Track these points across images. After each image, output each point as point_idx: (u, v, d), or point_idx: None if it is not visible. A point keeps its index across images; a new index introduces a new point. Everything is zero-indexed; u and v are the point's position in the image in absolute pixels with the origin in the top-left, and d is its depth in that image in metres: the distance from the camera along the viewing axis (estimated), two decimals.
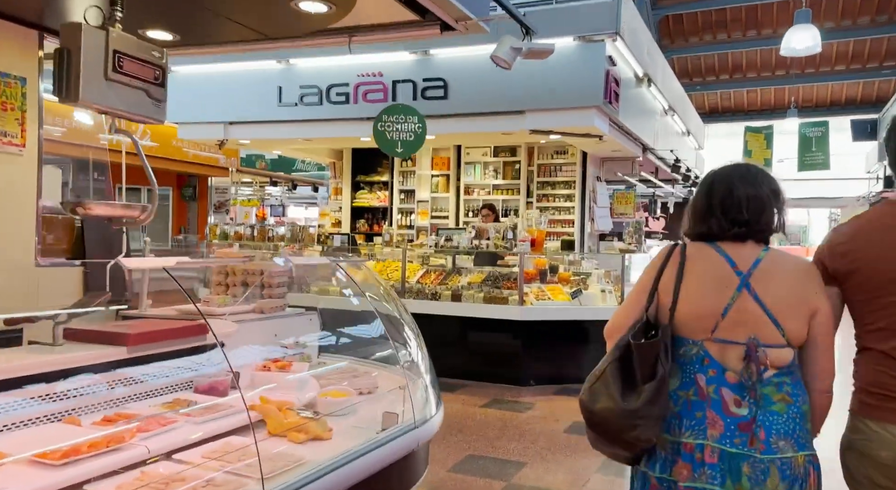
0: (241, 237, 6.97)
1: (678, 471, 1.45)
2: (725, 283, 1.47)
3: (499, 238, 5.95)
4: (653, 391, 1.43)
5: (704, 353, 1.47)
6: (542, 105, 5.74)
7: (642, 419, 1.44)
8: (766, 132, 12.67)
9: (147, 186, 10.62)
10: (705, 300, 1.48)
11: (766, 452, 1.40)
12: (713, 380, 1.46)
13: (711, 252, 1.52)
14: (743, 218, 1.51)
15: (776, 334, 1.44)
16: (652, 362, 1.46)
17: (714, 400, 1.45)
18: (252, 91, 6.87)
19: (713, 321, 1.46)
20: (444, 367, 6.19)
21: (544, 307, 5.72)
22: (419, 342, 2.88)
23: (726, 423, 1.43)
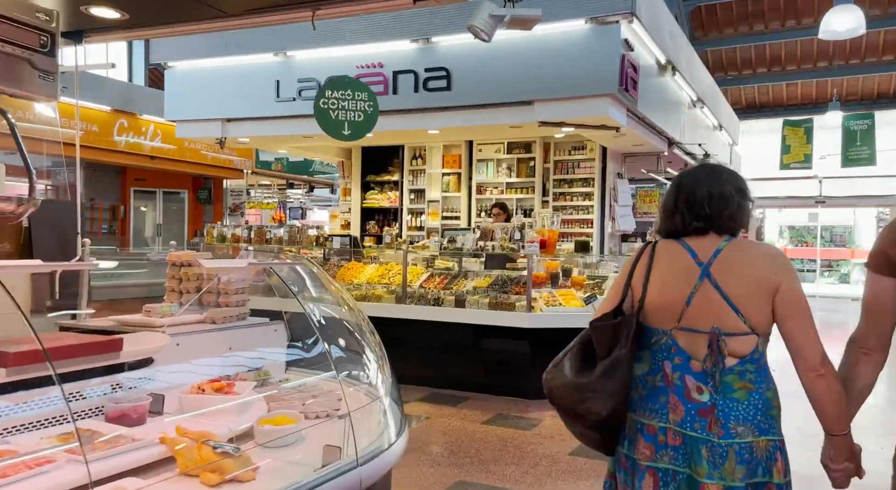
0: (239, 240, 6.74)
1: (641, 450, 1.56)
2: (688, 274, 1.56)
3: (505, 239, 5.58)
4: (604, 368, 1.55)
5: (672, 342, 1.57)
6: (552, 94, 5.35)
7: (592, 392, 1.55)
8: (806, 126, 11.99)
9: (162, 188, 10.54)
10: (670, 290, 1.58)
11: (725, 437, 1.47)
12: (678, 367, 1.55)
13: (677, 247, 1.62)
14: (705, 213, 1.59)
15: (738, 322, 1.51)
16: (608, 343, 1.58)
17: (677, 386, 1.54)
18: (249, 86, 6.65)
19: (678, 310, 1.56)
20: (448, 379, 5.87)
21: (554, 314, 5.33)
22: (378, 355, 2.54)
23: (687, 408, 1.52)
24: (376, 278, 6.16)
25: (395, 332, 5.95)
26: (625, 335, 1.57)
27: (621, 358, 1.56)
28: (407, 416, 4.75)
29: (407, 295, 5.83)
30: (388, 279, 6.11)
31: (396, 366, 5.71)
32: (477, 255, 6.40)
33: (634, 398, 1.60)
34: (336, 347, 2.64)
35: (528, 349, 5.45)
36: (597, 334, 1.63)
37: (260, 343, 2.79)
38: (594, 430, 1.61)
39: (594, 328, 1.63)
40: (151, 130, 12.31)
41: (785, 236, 21.74)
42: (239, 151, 14.86)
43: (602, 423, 1.57)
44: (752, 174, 18.14)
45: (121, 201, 15.03)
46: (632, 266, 1.68)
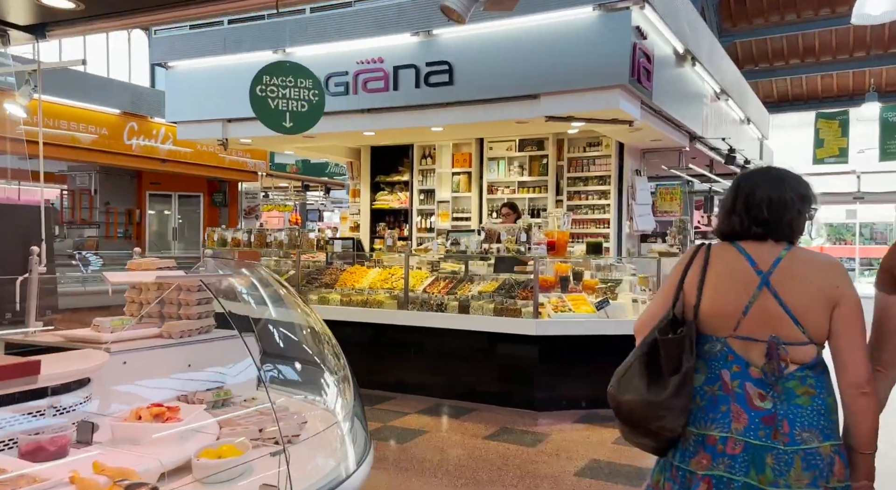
0: (240, 243, 6.61)
1: (698, 461, 1.54)
2: (746, 282, 1.54)
3: (511, 241, 5.32)
4: (677, 384, 1.54)
5: (728, 350, 1.55)
6: (559, 87, 5.08)
7: (667, 410, 1.54)
8: (841, 118, 11.44)
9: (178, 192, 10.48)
10: (727, 298, 1.55)
11: (790, 444, 1.46)
12: (737, 375, 1.53)
13: (733, 251, 1.59)
14: (763, 217, 1.57)
15: (797, 332, 1.50)
16: (677, 357, 1.55)
17: (738, 394, 1.52)
18: (249, 85, 6.49)
19: (735, 319, 1.54)
20: (453, 389, 5.63)
21: (563, 320, 5.05)
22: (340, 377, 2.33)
23: (750, 416, 1.50)
24: (379, 283, 5.96)
25: (398, 340, 5.75)
26: (689, 346, 1.56)
27: (689, 372, 1.55)
28: (404, 431, 4.54)
29: (409, 300, 5.62)
30: (391, 284, 5.90)
31: (397, 374, 5.50)
32: (485, 258, 6.16)
33: (693, 410, 1.58)
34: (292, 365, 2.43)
35: (535, 358, 5.19)
36: (667, 349, 1.58)
37: (225, 358, 2.59)
38: (660, 442, 1.61)
39: (665, 342, 1.58)
40: (163, 133, 12.34)
41: (822, 234, 21.00)
42: (253, 153, 14.85)
43: (672, 441, 1.59)
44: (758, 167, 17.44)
45: (136, 205, 15.16)
46: (684, 268, 1.64)
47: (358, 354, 6.04)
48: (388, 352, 5.80)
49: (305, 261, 6.92)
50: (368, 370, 5.87)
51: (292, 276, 6.29)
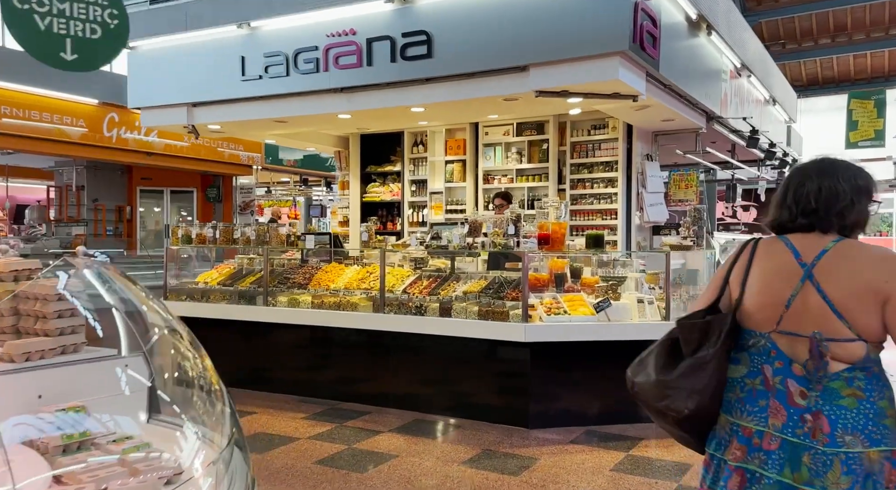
0: (205, 240, 6.15)
1: (732, 451, 1.56)
2: (789, 275, 1.53)
3: (498, 234, 4.78)
4: (688, 366, 1.59)
5: (771, 345, 1.55)
6: (550, 56, 4.51)
7: (672, 390, 1.60)
8: (877, 98, 10.67)
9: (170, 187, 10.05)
10: (769, 292, 1.56)
11: (830, 445, 1.44)
12: (779, 371, 1.53)
13: (780, 245, 1.59)
14: (811, 207, 1.56)
15: (842, 328, 1.47)
16: (696, 342, 1.60)
17: (779, 390, 1.52)
18: (214, 65, 6.04)
19: (777, 313, 1.54)
20: (437, 402, 5.08)
21: (557, 324, 4.50)
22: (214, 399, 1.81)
23: (789, 413, 1.50)
24: (355, 283, 5.46)
25: (375, 347, 5.24)
26: (716, 335, 1.57)
27: (707, 359, 1.56)
28: (370, 455, 4.03)
29: (385, 302, 5.10)
30: (369, 284, 5.39)
31: (374, 386, 4.97)
32: (473, 254, 5.63)
33: (731, 400, 1.59)
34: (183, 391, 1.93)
35: (526, 367, 4.65)
36: (683, 332, 1.63)
37: (95, 386, 2.10)
38: (678, 427, 1.64)
39: (681, 325, 1.64)
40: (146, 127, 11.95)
41: None
42: (246, 146, 14.45)
43: (684, 420, 1.59)
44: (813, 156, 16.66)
45: (126, 201, 14.86)
46: (731, 263, 1.66)
47: (330, 364, 5.60)
48: (365, 361, 5.30)
49: (280, 259, 6.45)
50: (342, 381, 5.37)
51: (262, 275, 5.81)
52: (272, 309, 5.50)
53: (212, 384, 1.92)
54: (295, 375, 5.58)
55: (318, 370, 5.49)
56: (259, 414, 4.95)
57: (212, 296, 5.95)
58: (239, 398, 5.41)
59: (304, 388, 5.49)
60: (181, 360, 2.07)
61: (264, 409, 5.08)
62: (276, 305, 5.55)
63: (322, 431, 4.49)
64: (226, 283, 6.08)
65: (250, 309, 5.60)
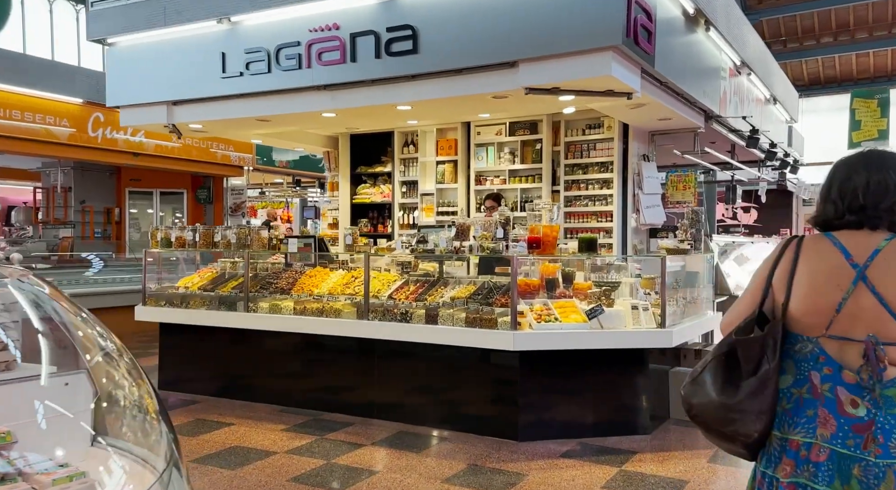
0: (185, 243, 5.98)
1: (782, 467, 1.49)
2: (840, 277, 1.46)
3: (486, 237, 4.61)
4: (753, 386, 1.49)
5: (819, 351, 1.48)
6: (540, 51, 4.35)
7: (740, 414, 1.49)
8: (880, 97, 10.52)
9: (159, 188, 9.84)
10: (818, 295, 1.48)
11: (883, 456, 1.38)
12: (828, 378, 1.46)
13: (827, 244, 1.51)
14: (858, 203, 1.50)
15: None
16: (756, 358, 1.50)
17: (828, 399, 1.45)
18: (194, 61, 5.87)
19: (827, 317, 1.46)
20: (424, 413, 4.86)
21: (547, 332, 4.34)
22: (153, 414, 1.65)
23: (839, 423, 1.43)
24: (340, 288, 5.29)
25: (359, 355, 5.07)
26: (772, 346, 1.50)
27: (770, 373, 1.49)
28: (349, 471, 3.86)
29: (369, 309, 4.93)
30: (354, 289, 5.22)
31: (359, 396, 4.79)
32: (462, 258, 5.46)
33: (779, 413, 1.52)
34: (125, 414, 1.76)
35: (516, 377, 4.48)
36: (744, 350, 1.53)
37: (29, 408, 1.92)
38: (747, 450, 1.57)
39: (741, 343, 1.54)
40: None
41: None
42: (236, 146, 14.27)
43: (754, 444, 1.54)
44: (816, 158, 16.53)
45: (115, 203, 14.68)
46: (773, 263, 1.58)
47: (314, 372, 5.43)
48: (349, 369, 5.13)
49: (264, 263, 6.28)
50: (326, 391, 5.20)
51: (244, 280, 5.64)
52: (252, 315, 5.33)
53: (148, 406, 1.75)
54: (276, 384, 5.40)
55: (300, 379, 5.32)
56: (237, 425, 4.78)
57: (191, 301, 5.77)
58: (217, 408, 5.24)
59: (286, 397, 5.32)
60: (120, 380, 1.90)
61: (243, 421, 4.91)
62: (258, 311, 5.38)
63: (301, 445, 4.32)
64: (207, 287, 5.91)
65: (229, 315, 5.43)
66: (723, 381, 1.54)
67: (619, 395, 4.59)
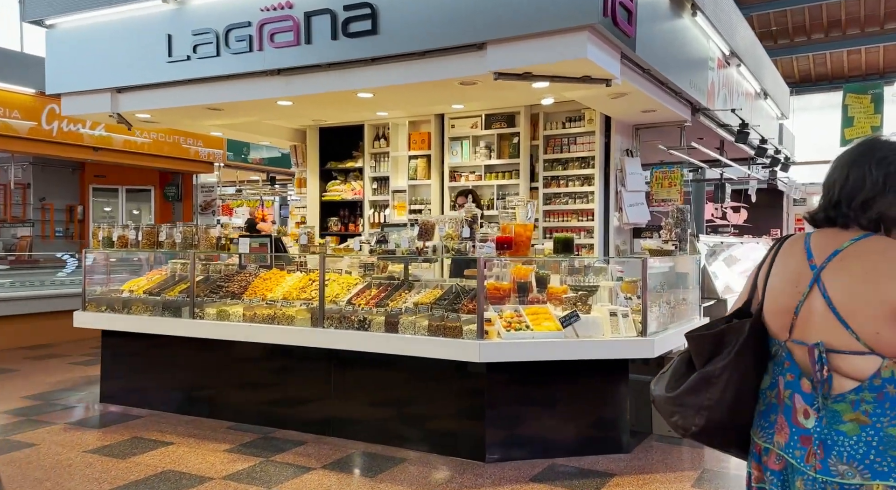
0: (127, 242, 5.57)
1: (753, 470, 1.53)
2: (799, 278, 1.44)
3: (453, 236, 4.25)
4: (693, 382, 1.51)
5: (786, 356, 1.46)
6: (510, 31, 4.00)
7: (679, 407, 1.52)
8: (874, 92, 10.30)
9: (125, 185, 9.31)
10: (781, 297, 1.47)
11: (823, 473, 1.35)
12: (790, 384, 1.45)
13: (798, 244, 1.49)
14: (834, 199, 1.44)
15: (848, 338, 1.33)
16: (707, 354, 1.51)
17: (787, 406, 1.45)
18: (139, 44, 5.46)
19: (788, 320, 1.44)
20: (385, 430, 4.26)
21: (517, 341, 3.98)
22: None
23: (791, 432, 1.43)
24: (296, 292, 4.91)
25: (315, 366, 4.68)
26: (731, 345, 1.48)
27: (716, 373, 1.48)
28: None
29: (325, 315, 4.56)
30: (310, 293, 4.84)
31: (314, 411, 4.39)
32: (429, 260, 5.10)
33: (756, 413, 1.52)
34: None
35: (483, 391, 4.12)
36: (693, 345, 1.55)
37: None
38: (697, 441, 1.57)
39: (689, 338, 1.56)
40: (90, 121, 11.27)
41: None
42: (206, 141, 13.82)
43: (696, 436, 1.53)
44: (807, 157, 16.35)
45: (78, 201, 14.18)
46: (761, 263, 1.57)
47: (266, 385, 5.02)
48: (304, 382, 4.75)
49: (217, 265, 5.88)
50: (278, 406, 4.82)
51: (190, 284, 5.23)
52: (196, 322, 4.93)
53: None
54: (226, 398, 5.01)
55: (252, 392, 4.93)
56: (176, 445, 4.38)
57: (133, 306, 5.36)
58: (159, 425, 4.84)
59: (237, 413, 4.93)
60: None
61: (185, 439, 4.51)
62: (204, 318, 4.98)
63: (243, 469, 3.93)
64: (153, 291, 5.50)
65: (171, 322, 5.02)
66: (677, 376, 1.57)
67: (596, 409, 4.26)
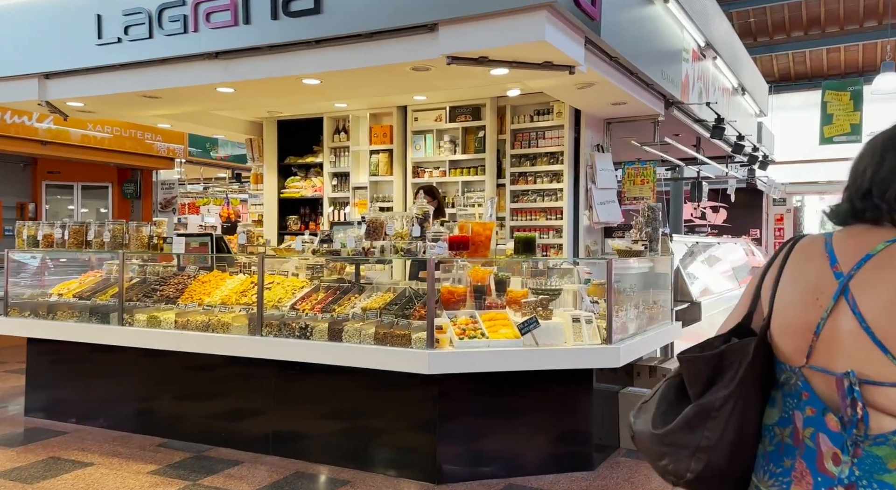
0: (52, 242, 5.16)
1: None
2: (819, 288, 1.13)
3: (402, 235, 3.93)
4: (689, 416, 1.20)
5: (803, 385, 1.15)
6: (462, 10, 3.68)
7: (669, 447, 1.22)
8: (853, 89, 10.19)
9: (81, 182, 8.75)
10: (795, 312, 1.17)
11: None
12: (811, 421, 1.13)
13: (817, 245, 1.19)
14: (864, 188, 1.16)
15: (889, 367, 1.03)
16: (703, 381, 1.22)
17: (808, 448, 1.14)
18: (66, 25, 5.06)
19: (806, 342, 1.14)
20: (325, 449, 3.87)
21: (470, 351, 3.68)
22: None
23: (816, 482, 1.11)
24: (235, 296, 4.55)
25: (256, 378, 4.32)
26: (733, 370, 1.17)
27: (716, 404, 1.17)
28: None
29: (263, 322, 4.21)
30: (251, 297, 4.49)
31: (252, 427, 4.00)
32: (382, 261, 4.78)
33: (759, 454, 1.21)
34: None
35: (434, 406, 3.81)
36: (686, 369, 1.23)
37: None
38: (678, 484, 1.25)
39: (682, 361, 1.24)
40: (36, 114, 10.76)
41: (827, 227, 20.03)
42: (165, 135, 13.34)
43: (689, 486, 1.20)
44: (786, 156, 16.32)
45: (30, 198, 13.61)
46: (764, 269, 1.26)
47: (200, 399, 4.64)
48: (242, 396, 4.39)
49: (154, 266, 5.50)
50: (214, 421, 4.46)
51: (119, 287, 4.84)
52: (123, 329, 4.55)
53: None
54: (159, 413, 4.63)
55: (187, 406, 4.56)
56: (96, 466, 4.00)
57: (59, 311, 4.96)
58: (84, 442, 4.45)
59: (171, 428, 4.56)
60: None
61: (108, 459, 4.13)
62: (134, 324, 4.60)
63: None
64: (84, 295, 5.11)
65: (95, 328, 4.64)
66: (665, 408, 1.27)
67: (559, 423, 3.97)
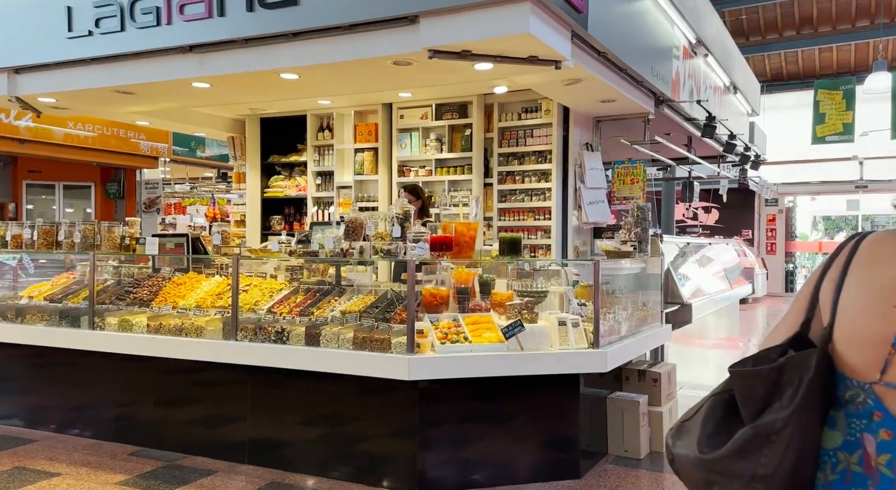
0: (21, 243, 5.01)
1: None
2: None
3: (382, 236, 3.81)
4: (744, 440, 1.03)
5: (875, 404, 0.99)
6: (444, 2, 3.57)
7: (719, 476, 1.05)
8: (845, 88, 10.14)
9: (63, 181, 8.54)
10: (865, 320, 1.00)
11: None
12: (886, 446, 0.99)
13: (889, 243, 1.02)
14: None
15: None
16: (760, 400, 1.05)
17: (885, 477, 0.99)
18: (36, 17, 4.90)
19: (881, 354, 0.99)
20: (303, 459, 3.70)
21: (453, 356, 3.55)
22: None
23: None
24: (211, 299, 4.41)
25: (231, 384, 4.17)
26: (793, 386, 1.01)
27: (777, 426, 1.00)
28: None
29: (238, 326, 4.07)
30: (227, 300, 4.35)
31: (227, 435, 3.86)
32: (364, 263, 4.65)
33: (820, 483, 1.04)
34: None
35: (415, 413, 3.68)
36: (740, 385, 1.07)
37: None
38: None
39: (734, 375, 1.08)
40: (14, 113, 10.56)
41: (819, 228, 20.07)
42: (148, 134, 13.15)
43: None
44: (778, 157, 16.29)
45: (11, 197, 13.38)
46: (822, 270, 1.09)
47: (177, 405, 4.47)
48: (217, 402, 4.25)
49: (129, 268, 5.35)
50: (188, 428, 4.31)
51: (90, 289, 4.69)
52: (92, 333, 4.40)
53: None
54: (132, 419, 4.49)
55: (162, 412, 4.41)
56: (63, 477, 3.85)
57: (27, 314, 4.80)
58: (53, 450, 4.30)
59: (144, 436, 4.41)
60: None
61: (77, 469, 3.98)
62: (105, 328, 4.45)
63: None
64: (55, 297, 4.95)
65: (62, 332, 4.48)
66: (713, 429, 1.11)
67: (544, 429, 3.85)
